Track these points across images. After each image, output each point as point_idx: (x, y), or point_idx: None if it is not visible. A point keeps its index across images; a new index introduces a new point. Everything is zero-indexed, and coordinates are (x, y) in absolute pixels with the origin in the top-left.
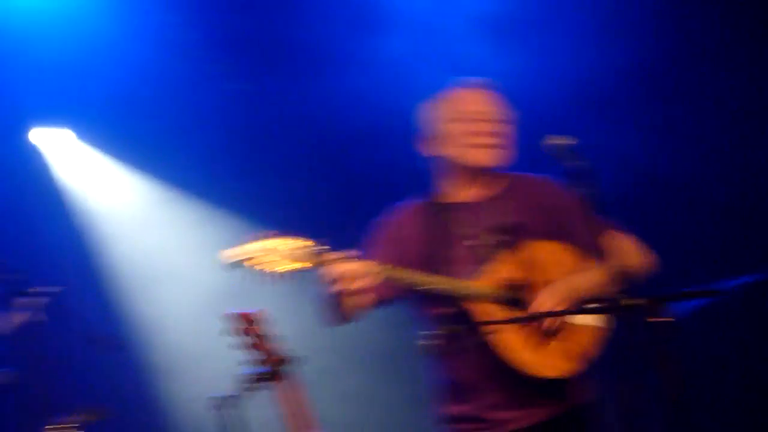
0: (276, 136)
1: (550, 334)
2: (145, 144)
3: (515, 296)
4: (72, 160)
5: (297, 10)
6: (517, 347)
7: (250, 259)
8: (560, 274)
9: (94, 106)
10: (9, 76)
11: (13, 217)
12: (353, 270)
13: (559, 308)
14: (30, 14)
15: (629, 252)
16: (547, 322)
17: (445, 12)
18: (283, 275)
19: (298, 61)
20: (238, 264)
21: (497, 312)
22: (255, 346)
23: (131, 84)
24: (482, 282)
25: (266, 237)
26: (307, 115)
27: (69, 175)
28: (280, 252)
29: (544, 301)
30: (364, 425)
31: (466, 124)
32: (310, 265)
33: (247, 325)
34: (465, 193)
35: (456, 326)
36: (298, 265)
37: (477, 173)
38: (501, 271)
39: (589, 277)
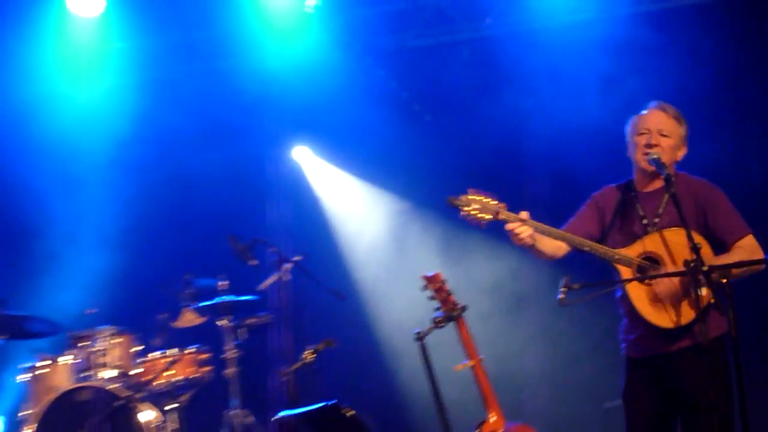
0: (443, 154)
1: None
2: (362, 158)
3: (646, 265)
4: (316, 171)
5: (460, 69)
6: (639, 301)
7: (463, 206)
8: (686, 256)
9: (328, 131)
10: (278, 109)
11: (279, 209)
12: (512, 226)
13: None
14: (287, 69)
15: (749, 252)
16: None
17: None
18: (481, 222)
19: (466, 104)
20: (456, 207)
21: (630, 274)
22: (439, 297)
23: (352, 117)
24: (628, 250)
25: (474, 193)
26: (458, 146)
27: (315, 181)
28: (480, 204)
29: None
30: (508, 352)
31: (637, 137)
32: (492, 218)
33: (433, 283)
34: (644, 185)
35: (573, 283)
36: (488, 217)
37: (645, 172)
38: (646, 245)
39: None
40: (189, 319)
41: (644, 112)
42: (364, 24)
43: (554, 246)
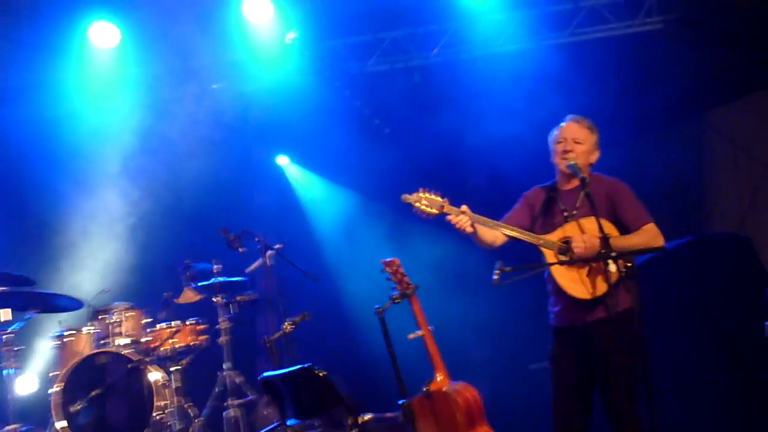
0: (398, 160)
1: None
2: (332, 164)
3: (565, 248)
4: (294, 174)
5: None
6: (561, 278)
7: (414, 202)
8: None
9: (304, 141)
10: (262, 123)
11: (262, 206)
12: (453, 218)
13: (584, 254)
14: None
15: (651, 236)
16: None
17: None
18: (429, 215)
19: (417, 119)
20: (408, 203)
21: (553, 256)
22: (395, 278)
23: (324, 129)
24: (550, 236)
25: (423, 191)
26: (409, 153)
27: (293, 182)
28: (428, 200)
29: (577, 245)
30: (451, 323)
31: (557, 145)
32: (438, 211)
33: (390, 266)
34: (564, 184)
35: (505, 266)
36: (435, 211)
37: (565, 174)
38: (566, 231)
39: (616, 242)
40: (189, 296)
41: (562, 123)
42: (333, 53)
43: (492, 236)
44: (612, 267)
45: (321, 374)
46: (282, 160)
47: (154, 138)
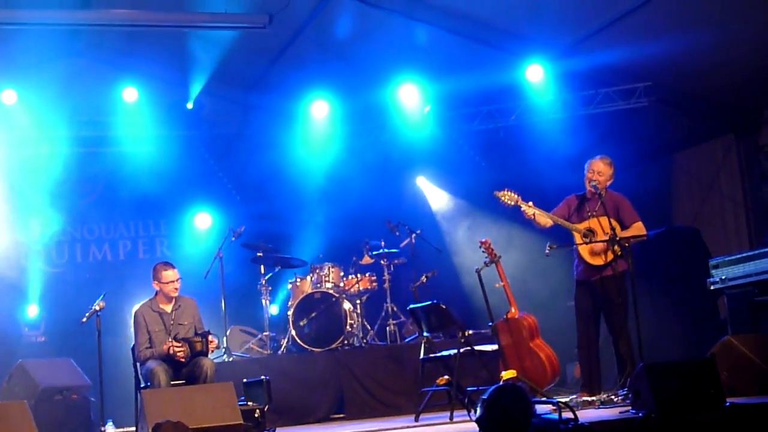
0: (488, 179)
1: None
2: (451, 183)
3: (587, 233)
4: (428, 190)
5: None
6: (585, 252)
7: (501, 195)
8: (608, 230)
9: (435, 169)
10: (409, 157)
11: (409, 207)
12: (523, 207)
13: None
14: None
15: (639, 229)
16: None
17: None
18: (508, 204)
19: (508, 157)
20: (497, 197)
21: (579, 238)
22: (487, 251)
23: (446, 163)
24: (579, 225)
25: (506, 190)
26: (500, 175)
27: (428, 195)
28: (509, 196)
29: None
30: (519, 277)
31: (587, 173)
32: (514, 203)
33: (484, 243)
34: (591, 194)
35: (553, 245)
36: (512, 203)
37: (590, 191)
38: (590, 223)
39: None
40: (367, 260)
41: (590, 160)
42: (452, 118)
43: (545, 221)
44: (616, 247)
45: (443, 306)
46: (420, 180)
47: (341, 169)
